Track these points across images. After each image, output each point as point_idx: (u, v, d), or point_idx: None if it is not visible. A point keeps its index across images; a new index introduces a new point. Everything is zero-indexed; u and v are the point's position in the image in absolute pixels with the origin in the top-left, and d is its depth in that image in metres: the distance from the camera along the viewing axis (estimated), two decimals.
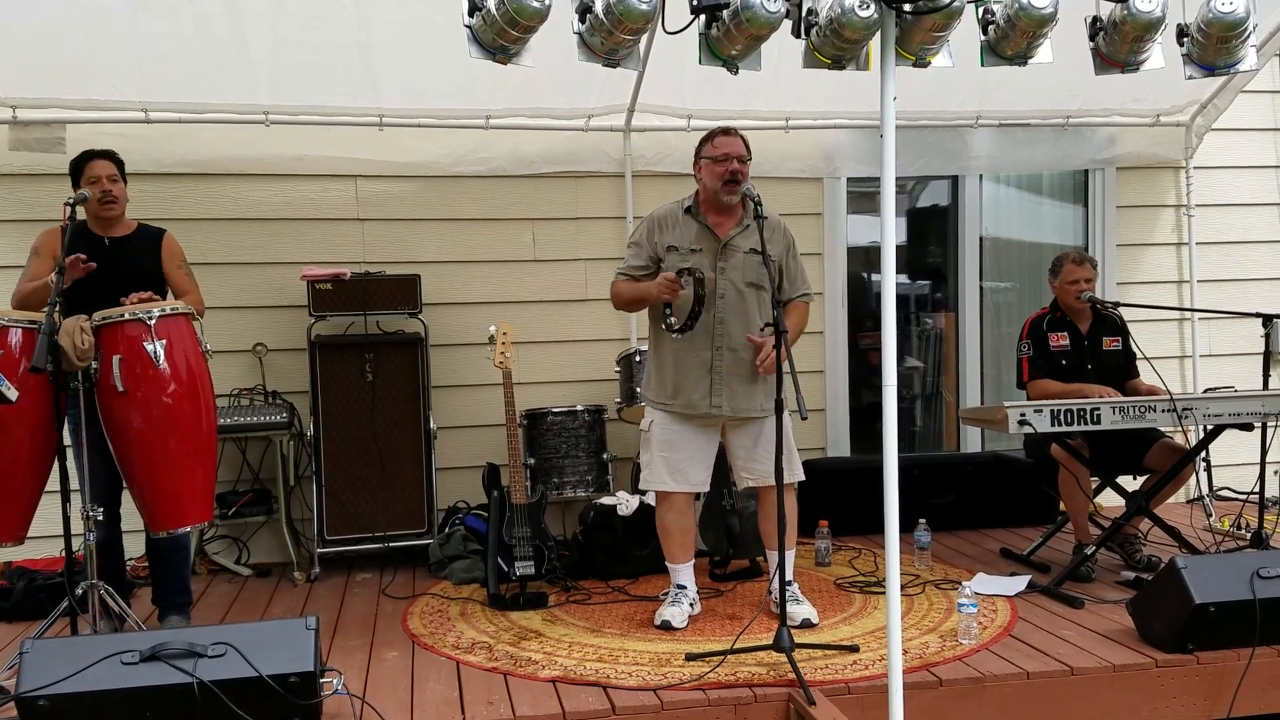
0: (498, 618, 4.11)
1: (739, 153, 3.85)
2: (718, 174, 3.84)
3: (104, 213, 3.89)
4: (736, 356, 3.88)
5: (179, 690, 2.86)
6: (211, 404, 3.71)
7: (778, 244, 3.95)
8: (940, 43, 3.06)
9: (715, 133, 3.93)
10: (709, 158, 3.88)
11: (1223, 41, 3.25)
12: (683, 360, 3.91)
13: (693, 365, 3.90)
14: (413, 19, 4.42)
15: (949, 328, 6.24)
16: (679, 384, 3.92)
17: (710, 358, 3.88)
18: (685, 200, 3.99)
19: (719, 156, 3.84)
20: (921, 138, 5.74)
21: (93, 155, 3.92)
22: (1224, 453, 5.30)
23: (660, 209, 4.04)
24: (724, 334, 3.88)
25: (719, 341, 3.88)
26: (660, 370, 3.99)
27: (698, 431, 3.96)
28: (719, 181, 3.83)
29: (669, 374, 3.94)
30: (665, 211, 4.01)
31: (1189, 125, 5.96)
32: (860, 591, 4.36)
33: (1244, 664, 3.41)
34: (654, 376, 4.02)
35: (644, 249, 3.97)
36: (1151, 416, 4.06)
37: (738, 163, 3.82)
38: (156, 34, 4.38)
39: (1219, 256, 6.12)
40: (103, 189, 3.85)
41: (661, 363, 3.98)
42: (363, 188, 5.29)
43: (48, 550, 4.53)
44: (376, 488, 4.94)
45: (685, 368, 3.91)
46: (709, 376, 3.88)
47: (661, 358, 3.98)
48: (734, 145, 3.86)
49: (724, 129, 3.93)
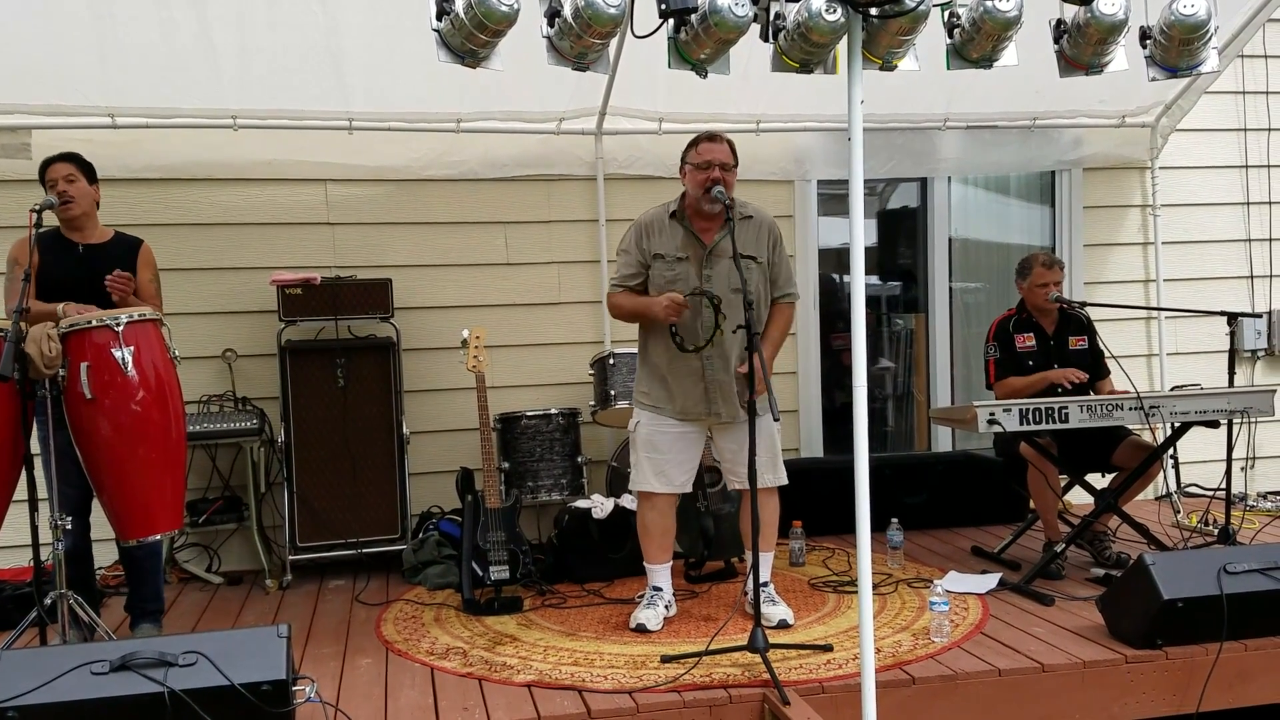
0: (472, 623, 4.10)
1: (722, 159, 3.79)
2: (699, 181, 3.78)
3: (63, 213, 3.85)
4: (727, 363, 3.86)
5: (150, 700, 2.83)
6: (180, 411, 3.68)
7: (764, 242, 3.92)
8: (907, 46, 3.08)
9: (701, 138, 3.87)
10: (692, 164, 3.83)
11: (1185, 44, 3.29)
12: (675, 367, 3.88)
13: (685, 373, 3.87)
14: (381, 23, 4.40)
15: (919, 328, 6.28)
16: (672, 391, 3.90)
17: (701, 366, 3.86)
18: (671, 205, 3.95)
19: (701, 164, 3.78)
20: (890, 140, 5.78)
21: (51, 159, 3.89)
22: (1191, 450, 5.37)
23: (647, 214, 3.99)
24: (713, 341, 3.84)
25: (708, 349, 3.84)
26: (651, 375, 3.96)
27: (684, 434, 3.94)
28: (700, 190, 3.78)
29: (661, 380, 3.92)
30: (651, 216, 3.96)
31: (1154, 126, 6.03)
32: (834, 591, 4.38)
33: (1212, 659, 3.45)
34: (645, 380, 4.00)
35: (633, 255, 3.93)
36: (1119, 414, 4.10)
37: (720, 170, 3.76)
38: (121, 39, 4.35)
39: (1185, 256, 6.20)
40: (58, 190, 3.82)
41: (653, 368, 3.95)
42: (333, 192, 5.27)
43: (16, 560, 4.49)
44: (349, 494, 4.91)
45: (677, 375, 3.88)
46: (702, 384, 3.86)
47: (653, 363, 3.95)
48: (717, 152, 3.80)
49: (710, 135, 3.88)
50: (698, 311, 3.82)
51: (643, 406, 3.99)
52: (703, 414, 3.89)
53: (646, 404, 3.98)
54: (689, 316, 3.82)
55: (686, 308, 3.77)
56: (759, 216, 3.96)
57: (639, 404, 4.02)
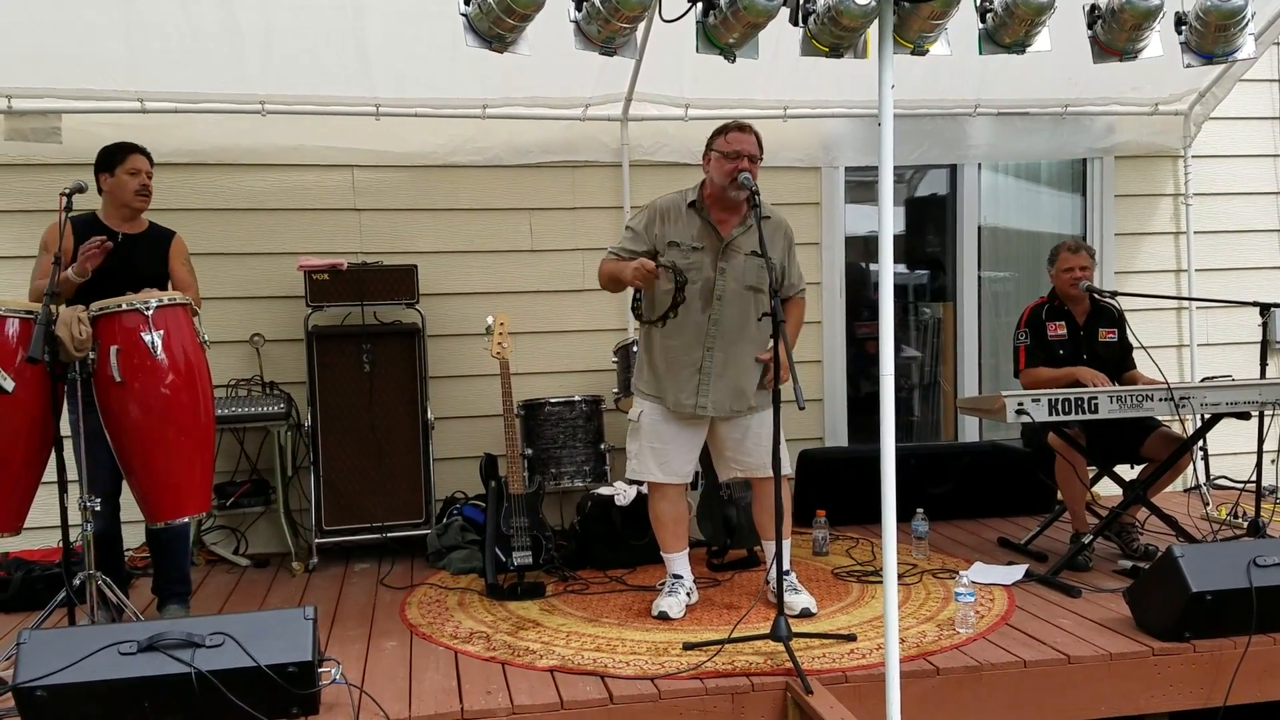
0: (495, 608, 4.11)
1: (751, 151, 3.74)
2: (726, 171, 3.73)
3: (138, 204, 3.93)
4: (727, 358, 3.83)
5: (177, 680, 2.86)
6: (209, 394, 3.71)
7: (779, 244, 3.90)
8: (938, 30, 3.04)
9: (729, 126, 3.82)
10: (719, 152, 3.77)
11: (1221, 29, 3.24)
12: (673, 358, 3.86)
13: (682, 364, 3.85)
14: (408, 8, 4.40)
15: (947, 317, 6.24)
16: (666, 382, 3.89)
17: (700, 358, 3.83)
18: (689, 193, 3.90)
19: (730, 153, 3.73)
20: (920, 126, 5.72)
21: (136, 148, 3.96)
22: (1221, 441, 5.31)
23: (663, 199, 3.94)
24: (717, 335, 3.83)
25: (710, 343, 3.83)
26: (650, 364, 3.95)
27: (685, 424, 3.92)
28: (726, 179, 3.73)
29: (658, 369, 3.91)
30: (668, 203, 3.92)
31: (1187, 114, 5.95)
32: (858, 581, 4.37)
33: (1240, 652, 3.42)
34: (644, 369, 3.99)
35: (642, 238, 3.90)
36: (1149, 405, 4.06)
37: (748, 161, 3.71)
38: (149, 24, 4.37)
39: (1217, 245, 6.12)
40: (141, 182, 3.91)
41: (652, 357, 3.94)
42: (359, 177, 5.28)
43: (45, 541, 4.54)
44: (374, 478, 4.94)
45: (674, 366, 3.87)
46: (696, 376, 3.84)
47: (652, 353, 3.94)
48: (746, 143, 3.75)
49: (739, 124, 3.82)
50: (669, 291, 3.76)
51: (643, 396, 3.98)
52: (690, 408, 3.85)
53: (647, 393, 3.96)
54: (658, 288, 3.78)
55: (656, 276, 3.72)
56: (776, 218, 3.94)
57: (639, 394, 4.01)
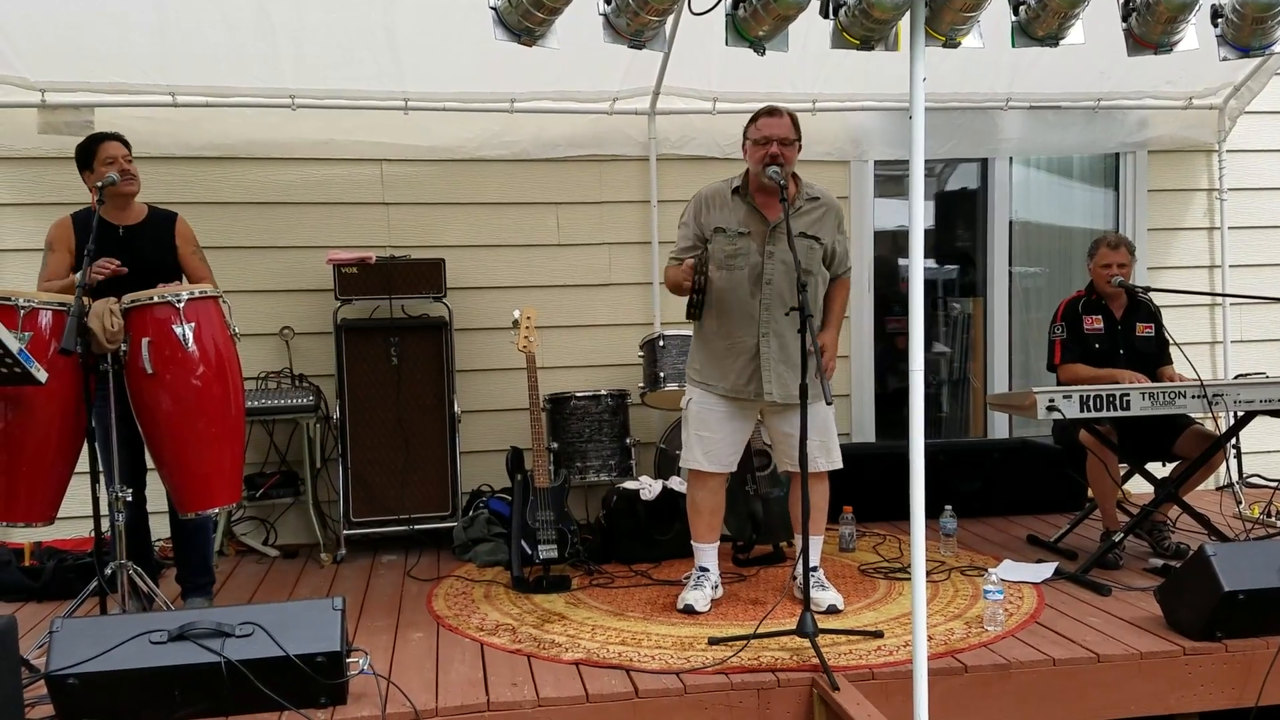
0: (521, 600, 4.13)
1: (780, 134, 3.75)
2: (759, 158, 3.75)
3: (126, 188, 3.87)
4: (783, 342, 3.83)
5: (207, 669, 2.89)
6: (240, 386, 3.74)
7: (829, 223, 3.91)
8: (971, 23, 3.01)
9: (760, 113, 3.84)
10: (752, 139, 3.81)
11: (1258, 22, 3.18)
12: (729, 344, 3.86)
13: (739, 351, 3.85)
14: (437, 1, 4.41)
15: (977, 313, 6.19)
16: (725, 369, 3.88)
17: (757, 344, 3.83)
18: (734, 180, 3.93)
19: (760, 139, 3.76)
20: (951, 120, 5.68)
21: (105, 137, 3.92)
22: (1254, 439, 5.26)
23: (708, 188, 3.97)
24: (770, 320, 3.82)
25: (765, 328, 3.82)
26: (704, 351, 3.95)
27: (735, 414, 3.92)
28: (760, 166, 3.75)
29: (715, 357, 3.90)
30: (713, 191, 3.95)
31: (1222, 108, 5.87)
32: (885, 577, 4.34)
33: (1273, 653, 3.38)
34: (698, 356, 3.98)
35: (691, 228, 3.93)
36: (1181, 402, 4.00)
37: (779, 145, 3.73)
38: (181, 18, 4.41)
39: (1251, 241, 6.04)
40: (120, 168, 3.84)
41: (707, 345, 3.94)
42: (388, 171, 5.30)
43: (77, 531, 4.58)
44: (401, 471, 4.97)
45: (733, 353, 3.86)
46: (755, 362, 3.84)
47: (707, 340, 3.94)
48: (776, 127, 3.76)
49: (770, 109, 3.83)
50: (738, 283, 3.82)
51: (694, 383, 3.98)
52: (751, 394, 3.86)
53: (698, 380, 3.96)
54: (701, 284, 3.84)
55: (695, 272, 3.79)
56: (825, 198, 3.93)
57: (691, 380, 4.01)
